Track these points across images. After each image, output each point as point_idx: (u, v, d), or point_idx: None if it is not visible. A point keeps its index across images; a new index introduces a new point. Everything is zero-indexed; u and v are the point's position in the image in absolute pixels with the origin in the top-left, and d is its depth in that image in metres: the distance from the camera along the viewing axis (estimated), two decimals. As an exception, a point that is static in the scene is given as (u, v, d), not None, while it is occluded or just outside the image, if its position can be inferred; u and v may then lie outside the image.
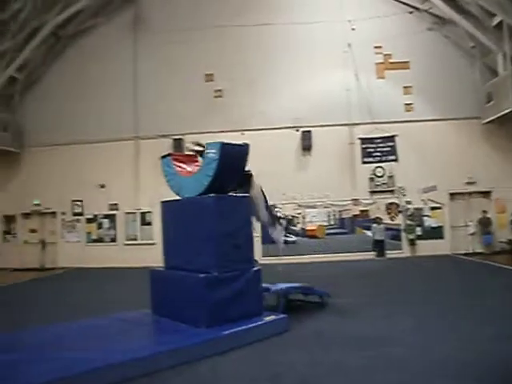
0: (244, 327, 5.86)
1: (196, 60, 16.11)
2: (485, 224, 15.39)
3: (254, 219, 6.77)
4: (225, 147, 6.07)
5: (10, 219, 17.12)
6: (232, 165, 6.24)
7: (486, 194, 15.84)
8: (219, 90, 16.25)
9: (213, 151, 6.02)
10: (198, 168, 6.58)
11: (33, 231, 17.06)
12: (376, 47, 16.11)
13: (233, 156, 6.23)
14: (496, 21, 14.27)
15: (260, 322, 6.11)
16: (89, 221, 16.69)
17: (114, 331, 5.98)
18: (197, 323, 5.83)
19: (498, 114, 14.42)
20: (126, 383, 4.51)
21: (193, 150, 6.95)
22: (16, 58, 15.65)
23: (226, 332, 5.67)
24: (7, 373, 4.55)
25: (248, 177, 6.86)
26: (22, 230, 17.10)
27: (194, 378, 4.69)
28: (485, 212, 15.42)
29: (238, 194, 6.71)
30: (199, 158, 6.75)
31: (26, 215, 17.08)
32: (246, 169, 6.70)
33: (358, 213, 20.67)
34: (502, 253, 14.76)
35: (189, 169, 6.79)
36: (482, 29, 14.68)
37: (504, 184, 15.31)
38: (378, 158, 15.72)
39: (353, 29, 15.83)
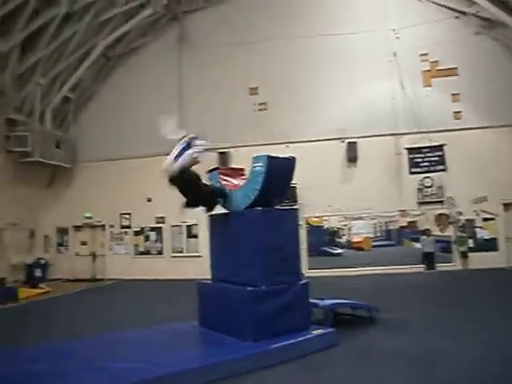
0: (291, 341, 5.81)
1: (240, 74, 16.34)
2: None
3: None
4: (271, 160, 6.10)
5: (62, 231, 17.81)
6: (279, 178, 6.24)
7: (544, 203, 15.03)
8: (263, 103, 16.36)
9: (260, 164, 6.05)
10: (244, 181, 6.63)
11: (83, 243, 17.66)
12: (422, 55, 15.74)
13: (279, 169, 6.24)
14: (550, 23, 13.68)
15: (308, 336, 6.05)
16: (136, 233, 17.12)
17: (161, 343, 6.06)
18: (244, 336, 5.83)
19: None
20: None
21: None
22: (69, 78, 16.41)
23: (273, 346, 5.64)
24: (57, 382, 4.70)
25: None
26: (74, 242, 17.74)
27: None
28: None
29: (284, 207, 6.69)
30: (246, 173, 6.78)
31: (78, 228, 17.72)
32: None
33: (405, 224, 20.21)
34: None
35: (235, 182, 6.86)
36: (535, 30, 14.10)
37: None
38: (426, 168, 15.26)
39: (397, 37, 15.59)
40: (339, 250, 19.37)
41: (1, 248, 15.21)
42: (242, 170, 7.11)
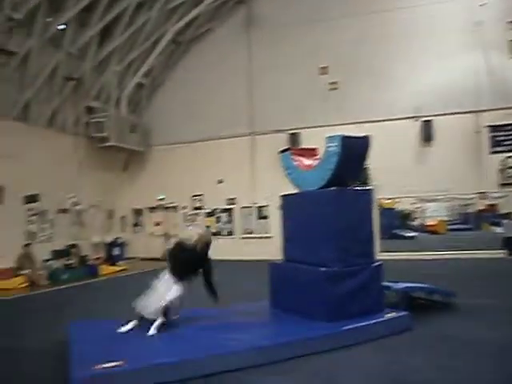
0: (364, 323, 5.73)
1: (310, 53, 16.04)
2: None
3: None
4: (346, 140, 5.96)
5: (138, 212, 18.66)
6: (353, 158, 6.09)
7: None
8: (334, 82, 15.89)
9: (334, 144, 5.93)
10: (318, 162, 6.54)
11: (157, 224, 18.39)
12: (509, 22, 14.51)
13: (354, 149, 6.08)
14: None
15: (381, 319, 5.92)
16: (208, 214, 17.54)
17: (233, 321, 6.15)
18: (316, 317, 5.82)
19: None
20: (246, 370, 4.66)
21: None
22: (142, 65, 16.99)
23: (346, 327, 5.58)
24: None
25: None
26: (148, 222, 18.53)
27: (312, 372, 4.67)
28: None
29: (358, 188, 6.53)
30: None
31: (152, 209, 18.46)
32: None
33: (484, 207, 19.08)
34: None
35: (308, 162, 6.79)
36: None
37: None
38: (510, 147, 14.26)
39: (480, 5, 14.45)
40: (412, 233, 18.77)
41: (83, 228, 16.28)
42: (314, 150, 7.00)
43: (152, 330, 5.49)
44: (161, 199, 17.97)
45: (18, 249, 12.38)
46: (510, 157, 14.35)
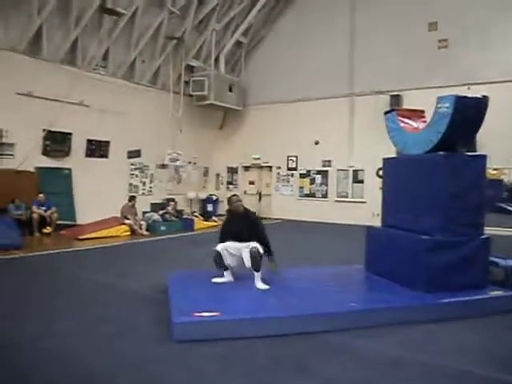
0: (465, 298, 5.43)
1: (418, 8, 14.71)
2: None
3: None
4: (460, 101, 5.47)
5: (233, 171, 19.10)
6: (467, 121, 5.61)
7: None
8: (444, 40, 14.49)
9: (446, 105, 5.50)
10: (426, 124, 6.15)
11: (251, 183, 18.73)
12: None
13: (468, 111, 5.57)
14: None
15: (484, 296, 5.58)
16: (302, 176, 17.45)
17: (329, 283, 6.10)
18: (414, 286, 5.62)
19: None
20: (339, 332, 4.68)
21: None
22: (241, 23, 16.95)
23: (445, 300, 5.33)
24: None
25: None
26: (243, 181, 18.92)
27: (405, 342, 4.54)
28: None
29: (470, 153, 6.04)
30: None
31: (247, 168, 18.79)
32: None
33: None
34: None
35: (415, 125, 6.42)
36: None
37: None
38: None
39: None
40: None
41: (180, 183, 17.06)
42: (422, 111, 6.58)
43: (261, 285, 5.67)
44: (256, 158, 18.20)
45: (122, 200, 13.29)
46: None
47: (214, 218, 15.84)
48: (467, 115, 5.53)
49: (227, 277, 5.99)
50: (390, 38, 15.18)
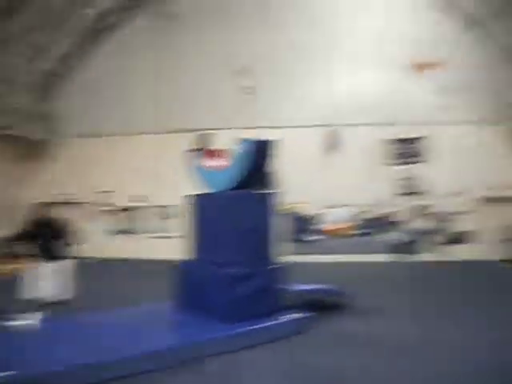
0: (264, 324, 5.85)
1: (228, 51, 15.90)
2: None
3: None
4: (255, 143, 6.11)
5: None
6: (262, 161, 6.26)
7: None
8: (249, 86, 15.96)
9: (245, 147, 6.02)
10: (229, 163, 6.58)
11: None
12: (412, 44, 15.46)
13: (263, 152, 6.24)
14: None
15: (280, 321, 6.09)
16: (115, 212, 16.93)
17: (131, 323, 5.98)
18: (218, 318, 5.83)
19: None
20: (136, 376, 4.53)
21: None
22: (53, 51, 15.97)
23: (244, 329, 5.66)
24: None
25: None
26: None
27: (203, 374, 4.67)
28: None
29: (263, 191, 6.64)
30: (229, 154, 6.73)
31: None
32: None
33: (381, 215, 20.34)
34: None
35: (217, 164, 6.81)
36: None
37: None
38: (406, 160, 15.37)
39: (388, 24, 15.47)
40: (315, 237, 19.46)
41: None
42: (223, 151, 7.04)
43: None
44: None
45: None
46: (407, 168, 15.48)
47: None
48: (262, 156, 6.13)
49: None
50: (200, 78, 15.97)
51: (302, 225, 20.96)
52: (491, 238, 15.13)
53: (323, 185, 15.36)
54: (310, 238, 20.09)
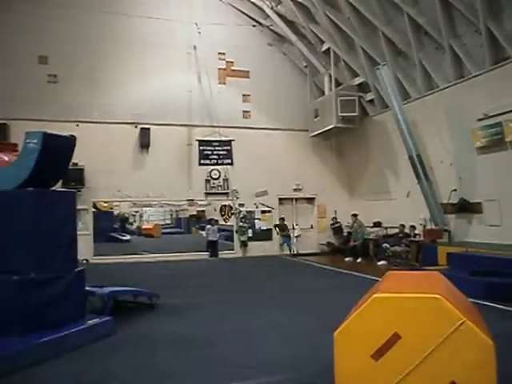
0: (64, 333, 5.44)
1: (29, 39, 14.35)
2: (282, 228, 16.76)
3: None
4: (47, 137, 5.54)
5: None
6: (56, 157, 5.73)
7: (310, 199, 17.48)
8: (54, 76, 14.74)
9: (34, 141, 5.47)
10: (15, 158, 5.92)
11: None
12: (220, 53, 16.59)
13: (57, 148, 5.73)
14: (325, 47, 15.95)
15: (82, 327, 5.76)
16: None
17: None
18: (8, 332, 5.19)
19: (323, 129, 16.06)
20: None
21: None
22: None
23: (43, 339, 5.18)
24: None
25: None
26: None
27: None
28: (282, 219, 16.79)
29: (61, 189, 6.22)
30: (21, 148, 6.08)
31: None
32: None
33: (195, 213, 21.00)
34: (323, 254, 16.56)
35: (6, 158, 6.09)
36: (314, 52, 16.30)
37: (325, 191, 17.13)
38: (215, 161, 16.06)
39: (199, 32, 15.94)
40: (128, 237, 19.12)
41: None
42: (15, 145, 6.36)
43: None
44: None
45: None
46: (214, 169, 16.21)
47: None
48: (56, 152, 5.66)
49: None
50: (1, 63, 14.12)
51: (117, 224, 20.38)
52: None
53: (136, 183, 15.11)
54: (125, 237, 19.62)
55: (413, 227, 13.20)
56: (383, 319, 3.14)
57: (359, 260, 14.23)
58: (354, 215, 15.25)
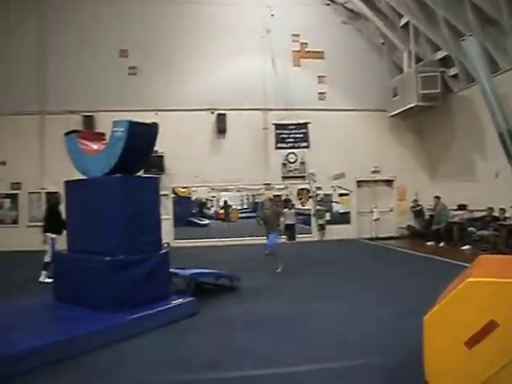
0: (150, 311, 5.74)
1: (111, 34, 15.13)
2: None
3: None
4: (132, 126, 5.82)
5: None
6: (140, 144, 6.00)
7: (389, 182, 16.89)
8: (134, 68, 15.48)
9: (121, 129, 5.75)
10: (104, 147, 6.26)
11: None
12: (293, 35, 16.34)
13: (141, 135, 5.99)
14: (403, 21, 15.12)
15: (167, 306, 6.03)
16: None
17: (9, 320, 5.53)
18: (102, 308, 5.59)
19: (402, 109, 15.32)
20: (23, 375, 4.20)
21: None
22: None
23: (132, 317, 5.51)
24: None
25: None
26: None
27: (97, 366, 4.51)
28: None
29: (145, 175, 6.50)
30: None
31: None
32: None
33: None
34: (402, 238, 16.01)
35: (95, 147, 6.45)
36: (391, 27, 15.48)
37: (405, 173, 16.44)
38: (291, 144, 16.03)
39: (272, 15, 15.88)
40: (206, 221, 19.58)
41: None
42: (102, 134, 6.70)
43: None
44: None
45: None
46: (291, 153, 16.14)
47: None
48: (140, 139, 5.91)
49: None
50: (84, 59, 15.02)
51: (195, 209, 21.03)
52: (367, 219, 16.50)
53: (213, 169, 15.44)
54: (203, 222, 20.20)
55: (503, 210, 12.31)
56: (478, 305, 2.95)
57: (442, 244, 13.58)
58: (437, 197, 14.53)
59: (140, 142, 5.95)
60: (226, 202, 18.86)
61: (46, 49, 15.19)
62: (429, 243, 13.97)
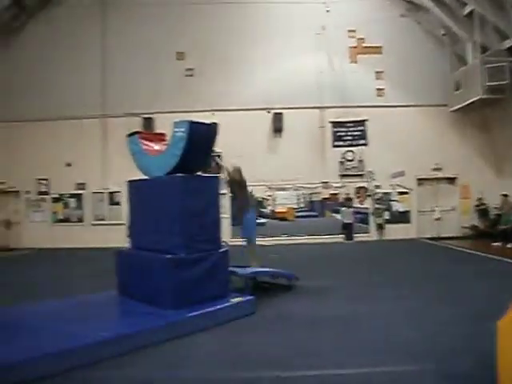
0: (210, 309, 5.81)
1: (168, 37, 15.69)
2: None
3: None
4: (193, 126, 5.92)
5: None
6: (200, 144, 6.10)
7: (451, 180, 16.19)
8: (191, 69, 15.88)
9: (182, 130, 5.87)
10: (165, 147, 6.43)
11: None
12: (350, 31, 16.07)
13: (201, 135, 6.08)
14: (467, 10, 14.40)
15: (226, 304, 6.07)
16: (55, 200, 16.21)
17: (77, 314, 5.81)
18: (163, 305, 5.73)
19: (465, 103, 14.65)
20: (90, 367, 4.39)
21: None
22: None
23: (192, 314, 5.60)
24: None
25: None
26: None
27: (159, 360, 4.63)
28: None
29: (206, 175, 6.60)
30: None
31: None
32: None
33: (327, 196, 20.88)
34: (465, 238, 15.30)
35: (157, 147, 6.63)
36: (454, 17, 14.81)
37: (468, 171, 15.70)
38: (349, 142, 15.79)
39: (327, 11, 15.69)
40: (263, 220, 19.67)
41: None
42: (163, 135, 6.87)
43: None
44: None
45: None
46: (349, 151, 15.87)
47: None
48: (200, 139, 6.01)
49: None
50: (143, 62, 15.66)
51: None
52: (428, 218, 15.90)
53: (270, 168, 15.45)
54: (260, 221, 20.33)
55: None
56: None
57: (510, 245, 12.86)
58: (505, 196, 13.79)
59: (200, 142, 6.05)
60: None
61: (108, 52, 15.92)
62: (495, 244, 13.27)
